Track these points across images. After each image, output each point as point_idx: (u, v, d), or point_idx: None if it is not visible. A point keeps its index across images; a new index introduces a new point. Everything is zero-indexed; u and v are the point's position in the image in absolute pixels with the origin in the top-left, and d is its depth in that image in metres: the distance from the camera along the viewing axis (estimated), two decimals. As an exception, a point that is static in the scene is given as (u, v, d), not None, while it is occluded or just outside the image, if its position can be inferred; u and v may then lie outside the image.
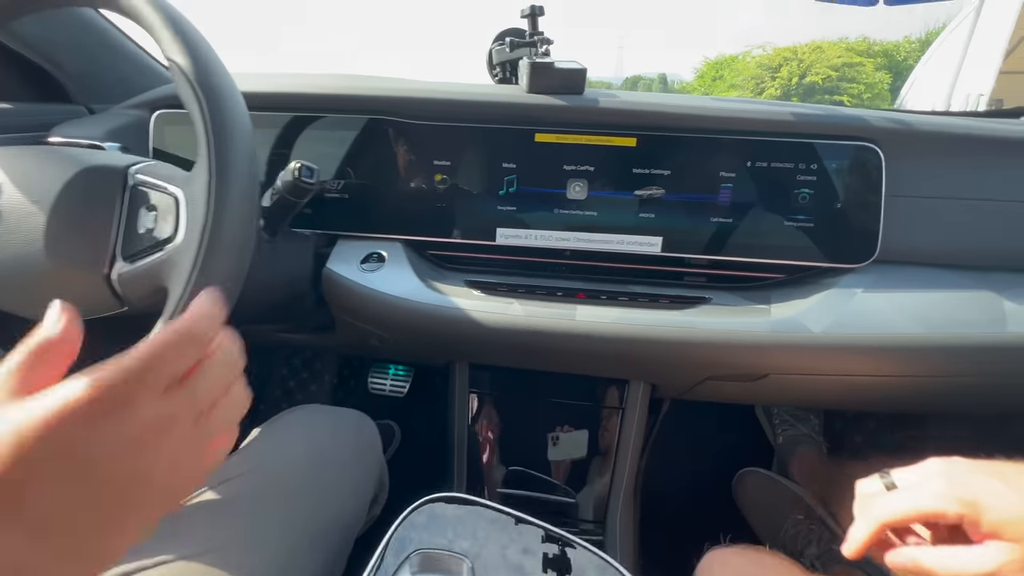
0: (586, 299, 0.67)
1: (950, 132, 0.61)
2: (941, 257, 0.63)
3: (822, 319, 0.60)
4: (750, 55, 11.56)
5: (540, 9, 0.69)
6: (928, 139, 0.61)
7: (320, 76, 0.71)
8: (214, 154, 0.37)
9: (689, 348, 0.61)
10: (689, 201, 0.65)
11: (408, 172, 0.70)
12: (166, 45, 0.39)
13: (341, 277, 0.68)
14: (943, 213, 0.62)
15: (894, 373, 0.62)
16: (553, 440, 0.83)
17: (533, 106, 0.65)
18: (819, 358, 0.60)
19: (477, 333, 0.66)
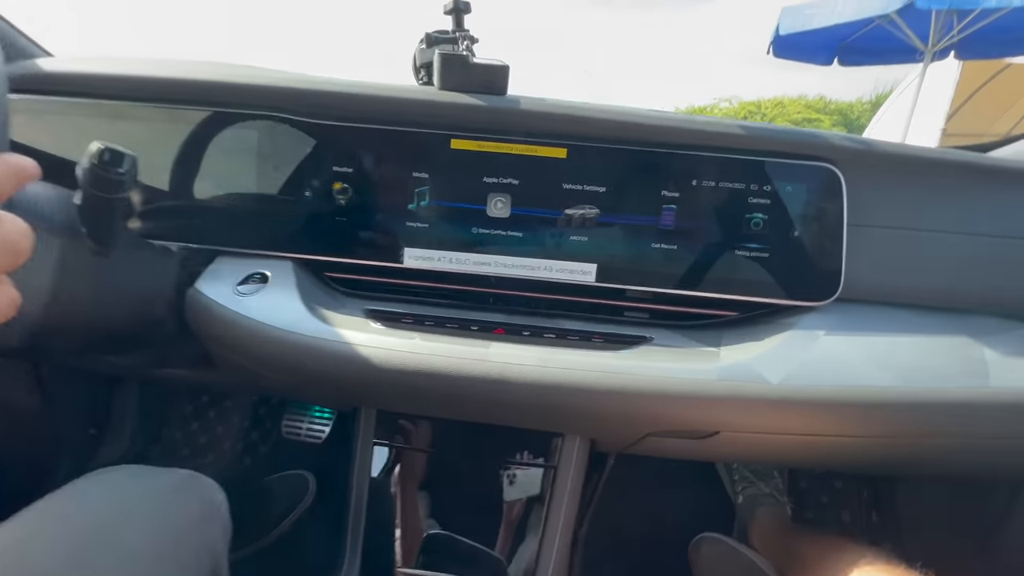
0: (504, 335, 0.55)
1: (918, 156, 0.54)
2: (913, 296, 0.55)
3: (780, 367, 0.50)
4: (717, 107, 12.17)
5: (465, 6, 0.61)
6: (893, 162, 0.54)
7: (200, 64, 0.60)
8: None
9: (624, 399, 0.50)
10: (627, 224, 0.56)
11: (302, 179, 0.58)
12: None
13: (207, 300, 0.56)
14: (913, 246, 0.55)
15: (863, 433, 0.52)
16: (509, 478, 0.70)
17: (447, 105, 0.55)
18: (777, 414, 0.50)
19: (369, 375, 0.53)
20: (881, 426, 0.50)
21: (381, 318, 0.57)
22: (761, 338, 0.54)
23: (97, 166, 0.40)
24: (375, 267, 0.59)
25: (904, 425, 0.50)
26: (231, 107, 0.58)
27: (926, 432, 0.51)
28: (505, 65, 0.54)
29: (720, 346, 0.54)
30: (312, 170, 0.58)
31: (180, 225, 0.61)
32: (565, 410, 0.53)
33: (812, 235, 0.54)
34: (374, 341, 0.53)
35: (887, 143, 0.55)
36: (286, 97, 0.57)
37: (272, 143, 0.59)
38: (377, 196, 0.58)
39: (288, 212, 0.59)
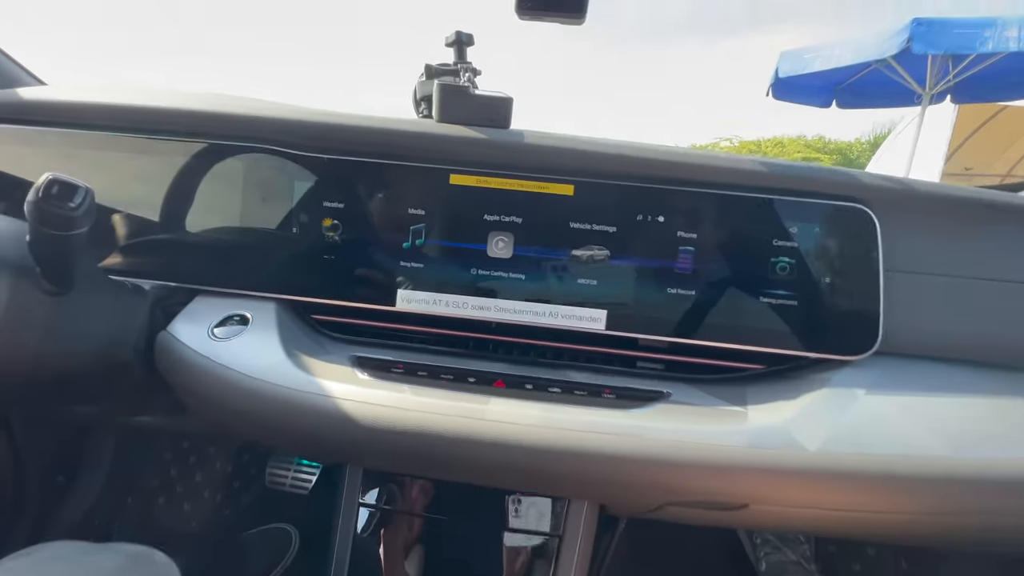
0: (505, 388, 0.50)
1: (958, 196, 0.50)
2: (962, 350, 0.50)
3: (817, 432, 0.44)
4: (718, 146, 12.41)
5: (468, 37, 0.58)
6: (931, 203, 0.50)
7: (184, 93, 0.58)
8: None
9: (639, 467, 0.44)
10: (640, 266, 0.51)
11: (290, 215, 0.55)
12: None
13: (177, 344, 0.51)
14: (959, 294, 0.49)
15: (912, 509, 0.45)
16: (515, 508, 0.63)
17: (446, 138, 0.52)
18: (815, 487, 0.43)
19: (354, 432, 0.47)
20: (934, 501, 0.44)
21: (369, 367, 0.52)
22: (792, 396, 0.48)
23: (43, 200, 0.36)
24: (366, 310, 0.54)
25: (961, 501, 0.43)
26: (216, 138, 0.55)
27: (986, 509, 0.44)
28: (508, 97, 0.51)
29: (746, 405, 0.48)
30: (301, 205, 0.54)
31: (158, 262, 0.57)
32: (572, 476, 0.47)
33: (845, 282, 0.49)
34: (360, 394, 0.48)
35: (923, 182, 0.51)
36: (275, 128, 0.53)
37: (260, 176, 0.55)
38: (370, 234, 0.54)
39: (274, 249, 0.55)
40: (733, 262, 0.50)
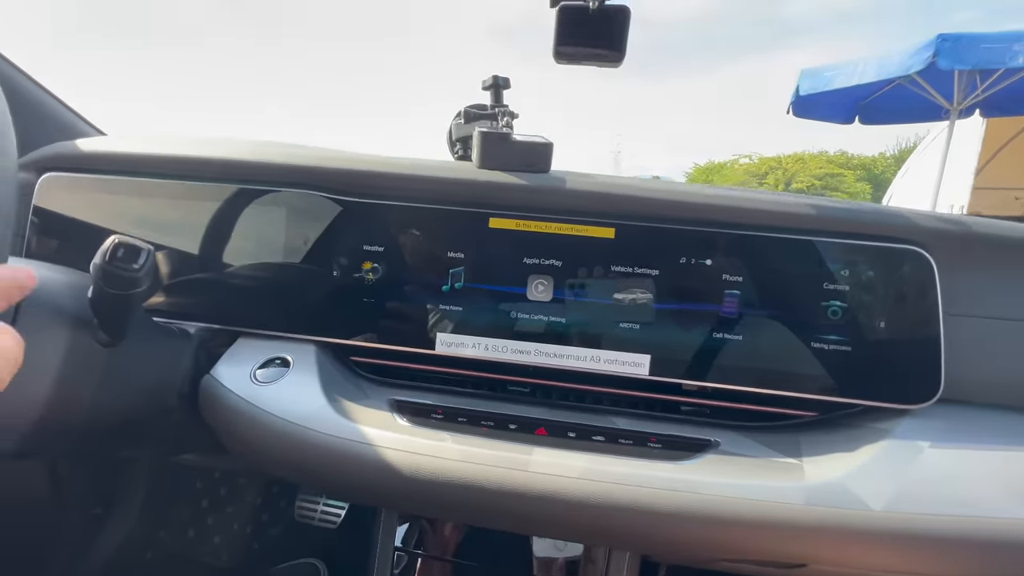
0: (547, 436, 0.49)
1: (1013, 237, 0.48)
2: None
3: (881, 488, 0.41)
4: (738, 163, 12.32)
5: (505, 81, 0.59)
6: (991, 244, 0.48)
7: (227, 142, 0.59)
8: None
9: (689, 523, 0.42)
10: (684, 310, 0.50)
11: (330, 258, 0.55)
12: None
13: (221, 388, 0.51)
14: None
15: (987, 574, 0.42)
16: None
17: (487, 184, 0.52)
18: (880, 549, 0.41)
19: (392, 481, 0.47)
20: (1014, 567, 0.41)
21: (408, 412, 0.51)
22: (851, 448, 0.45)
23: (109, 262, 0.37)
24: (405, 353, 0.54)
25: None
26: (259, 184, 0.56)
27: None
28: (548, 142, 0.51)
29: (801, 456, 0.46)
30: (341, 248, 0.55)
31: (202, 303, 0.58)
32: (619, 531, 0.45)
33: (902, 326, 0.47)
34: (400, 442, 0.47)
35: (981, 221, 0.49)
36: (317, 175, 0.54)
37: (301, 220, 0.56)
38: (409, 277, 0.54)
39: (315, 292, 0.55)
40: (782, 306, 0.49)
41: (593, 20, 0.49)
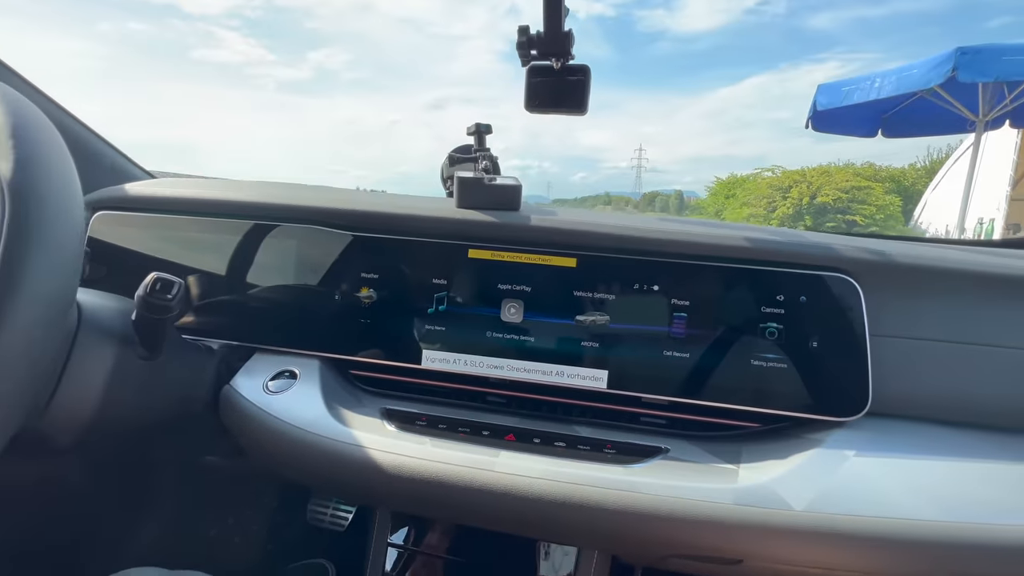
0: (515, 442, 0.55)
1: (935, 266, 0.52)
2: (952, 412, 0.51)
3: (803, 491, 0.46)
4: (761, 176, 12.16)
5: (486, 127, 0.67)
6: (911, 273, 0.53)
7: (247, 184, 0.69)
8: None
9: (635, 519, 0.48)
10: (638, 331, 0.56)
11: (332, 284, 0.64)
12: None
13: (239, 397, 0.60)
14: (948, 358, 0.51)
15: (901, 572, 0.46)
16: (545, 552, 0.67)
17: (465, 221, 0.60)
18: (802, 545, 0.46)
19: (382, 479, 0.54)
20: (920, 564, 0.45)
21: (397, 419, 0.59)
22: (784, 455, 0.50)
23: (149, 294, 0.46)
24: (396, 367, 0.62)
25: (947, 565, 0.44)
26: (275, 220, 0.65)
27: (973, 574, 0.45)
28: (517, 184, 0.59)
29: (740, 463, 0.51)
30: (342, 276, 0.63)
31: (224, 323, 0.67)
32: (573, 527, 0.51)
33: (833, 346, 0.52)
34: (388, 445, 0.55)
35: (904, 249, 0.54)
36: (323, 213, 0.63)
37: (309, 251, 0.65)
38: (399, 301, 0.62)
39: (320, 313, 0.64)
40: (725, 327, 0.54)
41: (558, 78, 0.57)
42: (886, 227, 9.54)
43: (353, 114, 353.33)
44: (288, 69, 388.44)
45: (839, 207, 10.15)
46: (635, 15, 42.43)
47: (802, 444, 0.51)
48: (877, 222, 9.72)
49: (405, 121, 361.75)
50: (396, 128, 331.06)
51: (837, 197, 10.05)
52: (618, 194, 50.46)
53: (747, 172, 12.56)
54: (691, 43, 53.65)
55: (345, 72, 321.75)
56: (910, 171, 12.12)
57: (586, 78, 0.57)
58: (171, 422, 0.59)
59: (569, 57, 0.55)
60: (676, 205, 38.56)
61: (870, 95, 4.37)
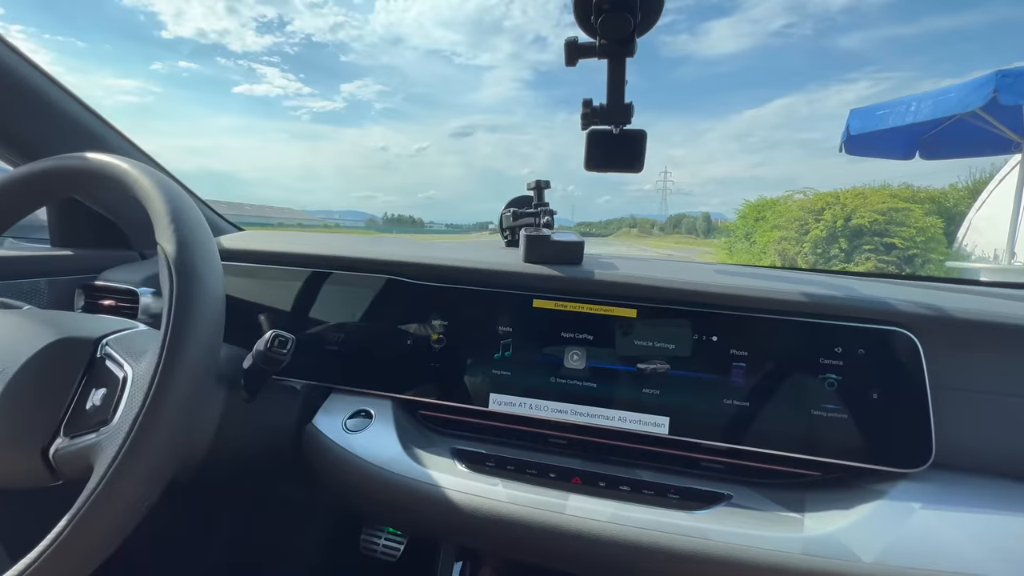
0: (581, 484, 0.58)
1: (995, 322, 0.54)
2: (1018, 466, 0.52)
3: (872, 543, 0.48)
4: (791, 199, 11.93)
5: (546, 183, 0.72)
6: (969, 328, 0.54)
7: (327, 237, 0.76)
8: (169, 338, 0.37)
9: (700, 564, 0.50)
10: (697, 379, 0.59)
11: (406, 330, 0.69)
12: (160, 231, 0.41)
13: (322, 436, 0.65)
14: (1010, 412, 0.52)
15: None
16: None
17: (531, 275, 0.64)
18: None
19: (453, 516, 0.57)
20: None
21: (467, 459, 0.62)
22: (849, 506, 0.52)
23: (269, 349, 0.52)
24: (464, 409, 0.66)
25: None
26: (354, 271, 0.71)
27: None
28: (580, 241, 0.63)
29: (804, 512, 0.53)
30: (414, 322, 0.68)
31: (305, 365, 0.72)
32: (642, 569, 0.53)
33: (893, 398, 0.54)
34: (461, 485, 0.58)
35: (963, 304, 0.55)
36: (400, 266, 0.69)
37: (384, 299, 0.71)
38: (468, 346, 0.66)
39: (393, 357, 0.69)
40: (784, 377, 0.57)
41: (616, 141, 0.61)
42: (928, 250, 9.18)
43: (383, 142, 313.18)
44: (322, 101, 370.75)
45: (876, 229, 9.84)
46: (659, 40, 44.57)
47: (866, 495, 0.52)
48: (918, 244, 9.36)
49: (432, 148, 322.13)
50: (424, 155, 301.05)
51: (874, 219, 9.74)
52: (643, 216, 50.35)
53: (776, 194, 12.35)
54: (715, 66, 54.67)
55: (376, 102, 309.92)
56: (951, 192, 11.69)
57: (643, 142, 0.61)
58: (262, 457, 0.65)
59: (628, 123, 0.60)
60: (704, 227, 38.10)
61: (906, 119, 4.30)
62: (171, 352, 0.37)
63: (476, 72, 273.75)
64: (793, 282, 0.60)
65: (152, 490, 0.37)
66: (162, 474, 0.37)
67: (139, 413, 0.35)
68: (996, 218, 8.00)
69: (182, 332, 0.37)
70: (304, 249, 0.74)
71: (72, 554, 0.32)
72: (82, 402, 0.43)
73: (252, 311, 0.75)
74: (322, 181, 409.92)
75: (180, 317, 0.38)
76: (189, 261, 0.40)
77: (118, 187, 0.45)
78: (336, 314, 0.72)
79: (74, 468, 0.40)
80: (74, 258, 0.83)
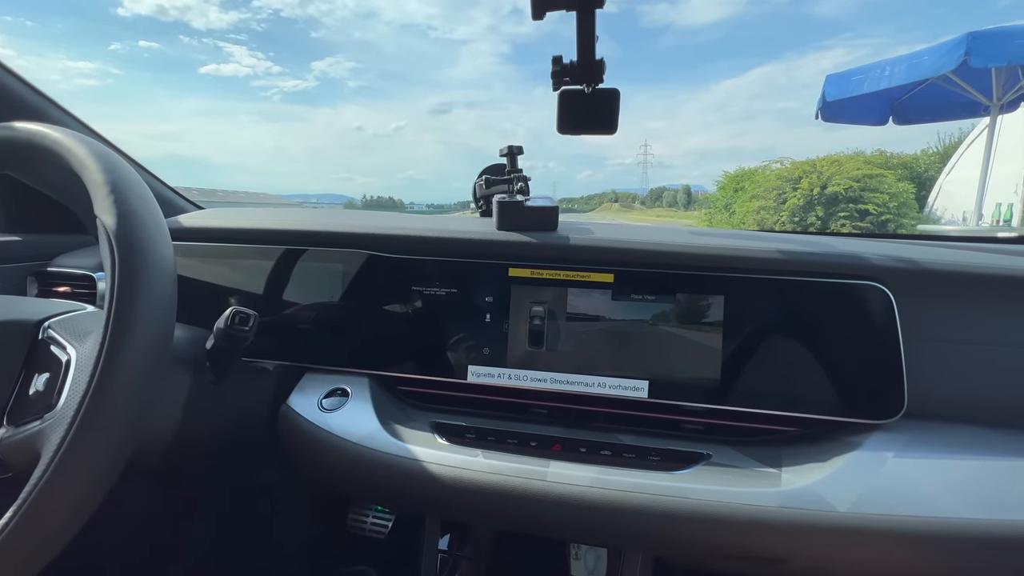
0: (562, 451, 0.58)
1: (966, 271, 0.54)
2: (988, 413, 0.53)
3: (846, 493, 0.48)
4: (769, 168, 12.04)
5: (518, 149, 0.70)
6: (941, 279, 0.54)
7: (294, 212, 0.73)
8: (114, 315, 0.35)
9: (680, 523, 0.50)
10: (676, 341, 0.59)
11: (379, 304, 0.67)
12: (98, 203, 0.38)
13: (297, 416, 0.63)
14: (982, 360, 0.53)
15: (943, 569, 0.48)
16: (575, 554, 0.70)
17: (505, 242, 0.62)
18: (845, 546, 0.48)
19: (435, 489, 0.57)
20: (961, 561, 0.47)
21: (447, 433, 0.62)
22: (825, 458, 0.53)
23: (230, 326, 0.49)
24: (442, 382, 0.65)
25: (987, 561, 0.46)
26: (324, 246, 0.69)
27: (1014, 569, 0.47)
28: (555, 206, 0.61)
29: (781, 467, 0.53)
30: (389, 297, 0.66)
31: (278, 345, 0.70)
32: (622, 531, 0.54)
33: (868, 352, 0.54)
34: (440, 458, 0.58)
35: (935, 255, 0.56)
36: (370, 239, 0.66)
37: (357, 274, 0.68)
38: (445, 319, 0.65)
39: (368, 333, 0.67)
40: (761, 336, 0.57)
41: (589, 101, 0.59)
42: (900, 215, 9.40)
43: (358, 122, 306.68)
44: (293, 80, 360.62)
45: (851, 196, 10.01)
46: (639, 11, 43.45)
47: (841, 447, 0.53)
48: (891, 210, 9.57)
49: (410, 127, 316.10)
50: (401, 134, 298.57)
51: (848, 186, 9.91)
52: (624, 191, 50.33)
53: (755, 164, 12.45)
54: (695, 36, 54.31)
55: (350, 80, 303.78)
56: (922, 157, 11.94)
57: (616, 101, 0.59)
58: (235, 441, 0.63)
59: (600, 83, 0.58)
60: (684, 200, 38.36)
61: (880, 84, 4.33)
62: (116, 330, 0.34)
63: (452, 46, 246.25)
64: (769, 241, 0.59)
65: (106, 476, 0.35)
66: (116, 459, 0.35)
67: (84, 396, 0.33)
68: (965, 181, 8.22)
69: (128, 309, 0.35)
70: (270, 225, 0.70)
71: (19, 548, 0.31)
72: (25, 388, 0.40)
73: (219, 293, 0.72)
74: (297, 164, 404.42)
75: (124, 292, 0.35)
76: (132, 233, 0.37)
77: (51, 159, 0.42)
78: (306, 291, 0.70)
79: (21, 458, 0.38)
80: (24, 244, 0.78)
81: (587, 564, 0.77)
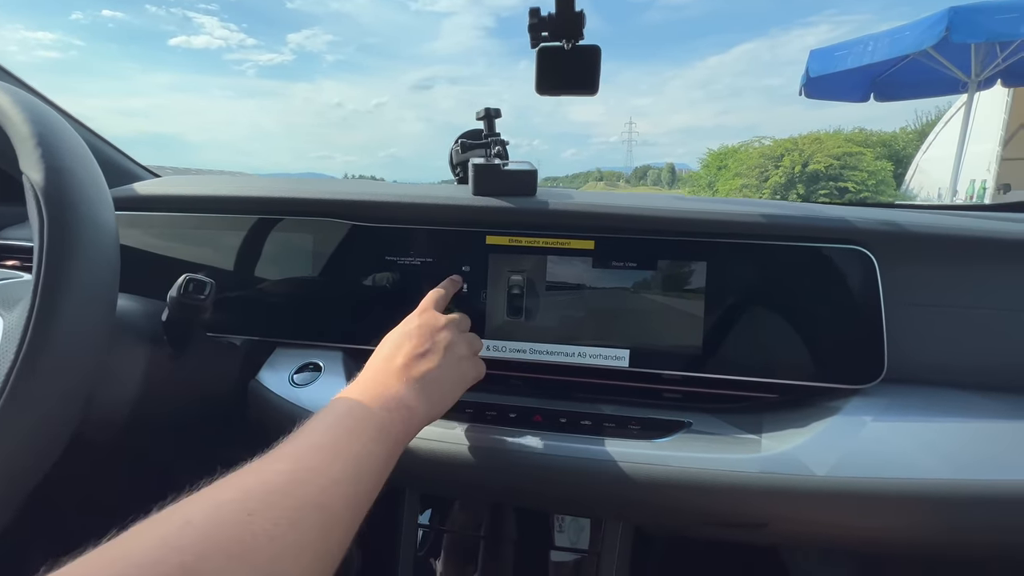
0: (542, 422, 0.57)
1: (947, 233, 0.53)
2: (969, 377, 0.53)
3: (825, 457, 0.48)
4: (752, 147, 12.10)
5: (496, 111, 0.67)
6: (924, 241, 0.54)
7: (259, 179, 0.69)
8: (43, 279, 0.32)
9: (664, 490, 0.50)
10: (657, 309, 0.57)
11: (351, 275, 0.64)
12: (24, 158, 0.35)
13: (267, 391, 0.60)
14: (961, 323, 0.53)
15: (920, 529, 0.49)
16: (559, 526, 0.70)
17: (482, 208, 0.60)
18: (825, 508, 0.48)
19: (414, 463, 0.55)
20: (939, 521, 0.47)
21: (423, 405, 0.60)
22: (804, 424, 0.52)
23: (183, 295, 0.46)
24: None
25: (964, 520, 0.47)
26: (291, 215, 0.65)
27: (991, 527, 0.47)
28: (533, 170, 0.59)
29: (761, 433, 0.53)
30: (362, 267, 0.63)
31: (245, 320, 0.67)
32: (605, 500, 0.53)
33: (849, 316, 0.54)
34: (417, 431, 0.56)
35: (919, 220, 0.55)
36: (341, 206, 0.63)
37: (328, 244, 0.65)
38: (421, 289, 0.62)
39: (340, 306, 0.64)
40: (742, 302, 0.56)
41: (568, 59, 0.56)
42: (878, 192, 9.57)
43: (338, 98, 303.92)
44: (269, 53, 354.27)
45: (831, 174, 10.14)
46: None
47: (820, 412, 0.53)
48: (869, 187, 9.73)
49: (391, 103, 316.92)
50: (382, 110, 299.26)
51: (829, 164, 10.04)
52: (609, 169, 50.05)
53: (739, 142, 12.51)
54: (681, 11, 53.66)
55: (328, 54, 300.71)
56: (900, 135, 12.12)
57: (596, 58, 0.56)
58: (197, 419, 0.60)
59: (580, 38, 0.54)
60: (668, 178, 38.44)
61: (863, 59, 4.33)
62: (46, 295, 0.31)
63: (434, 19, 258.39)
64: (752, 206, 0.58)
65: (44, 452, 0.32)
66: (58, 434, 0.33)
67: (11, 368, 0.30)
68: (941, 159, 8.38)
69: (58, 271, 0.32)
70: (232, 192, 0.66)
71: None
72: None
73: (181, 267, 0.68)
74: (275, 141, 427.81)
75: (54, 254, 0.32)
76: (62, 190, 0.34)
77: None
78: (273, 263, 0.67)
79: None
80: None
81: (570, 536, 0.77)
